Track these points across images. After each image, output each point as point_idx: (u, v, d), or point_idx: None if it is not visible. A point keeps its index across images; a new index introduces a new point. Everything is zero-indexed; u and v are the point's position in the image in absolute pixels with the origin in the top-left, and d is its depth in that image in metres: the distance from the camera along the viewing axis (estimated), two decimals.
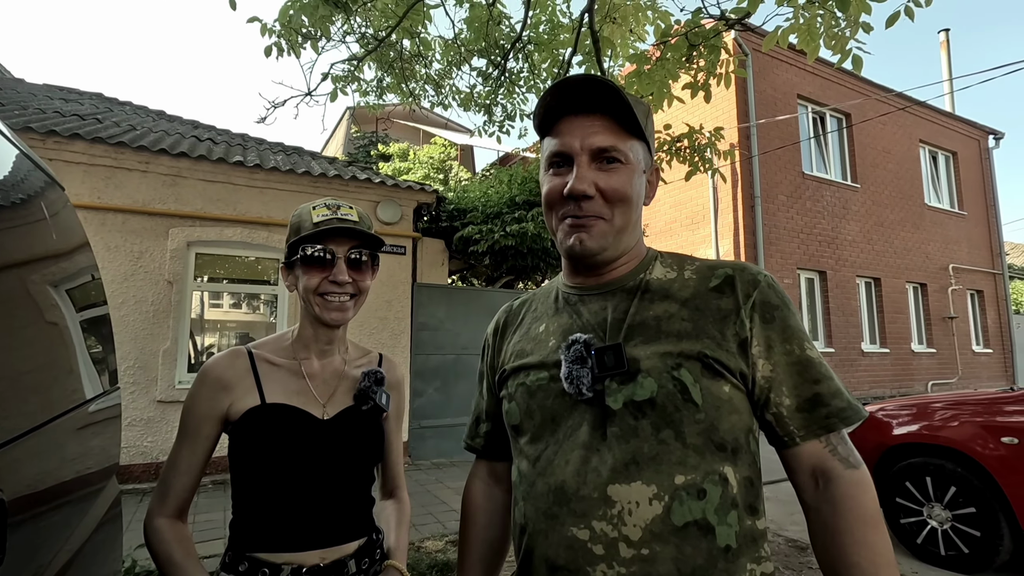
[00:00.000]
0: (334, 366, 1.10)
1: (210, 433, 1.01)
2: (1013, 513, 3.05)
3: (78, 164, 5.01)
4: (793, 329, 0.76)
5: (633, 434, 0.71)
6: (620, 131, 0.78)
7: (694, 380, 0.72)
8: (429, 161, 12.95)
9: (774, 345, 0.75)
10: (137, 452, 5.04)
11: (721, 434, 0.72)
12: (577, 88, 0.78)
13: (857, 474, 0.71)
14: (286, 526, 0.97)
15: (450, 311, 6.57)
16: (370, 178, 6.34)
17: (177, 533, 0.98)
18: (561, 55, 4.79)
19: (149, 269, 5.24)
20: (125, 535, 3.74)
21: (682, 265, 0.84)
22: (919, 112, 11.38)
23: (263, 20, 3.91)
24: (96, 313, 1.64)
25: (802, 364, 0.75)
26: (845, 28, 2.99)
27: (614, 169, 0.78)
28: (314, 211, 1.04)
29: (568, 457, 0.74)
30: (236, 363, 1.03)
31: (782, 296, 0.78)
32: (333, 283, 1.02)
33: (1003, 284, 12.50)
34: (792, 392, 0.74)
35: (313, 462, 0.98)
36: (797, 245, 9.24)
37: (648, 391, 0.72)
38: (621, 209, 0.79)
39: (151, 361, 5.17)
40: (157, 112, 7.45)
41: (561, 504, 0.72)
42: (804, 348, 0.75)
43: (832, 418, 0.72)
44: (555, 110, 0.81)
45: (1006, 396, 3.35)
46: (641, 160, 0.81)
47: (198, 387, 1.02)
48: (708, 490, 0.69)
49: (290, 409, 1.01)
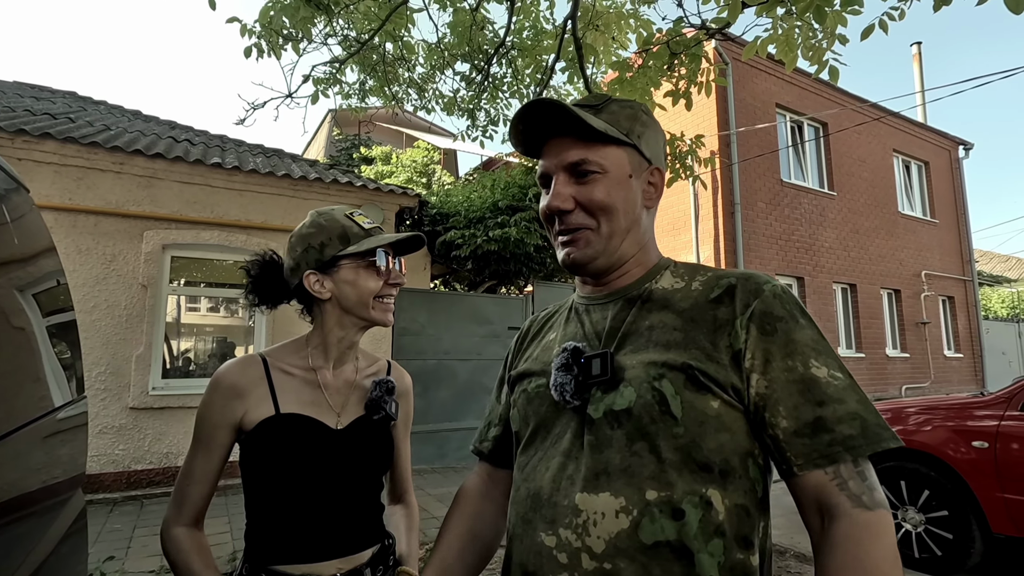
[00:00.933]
0: (346, 375, 1.10)
1: (224, 441, 1.01)
2: (984, 516, 3.12)
3: (49, 164, 4.88)
4: (798, 343, 0.69)
5: (608, 444, 0.70)
6: (591, 143, 0.78)
7: (675, 392, 0.68)
8: (412, 165, 12.90)
9: (772, 359, 0.69)
10: (108, 460, 4.91)
11: (705, 453, 0.67)
12: (533, 115, 0.79)
13: (868, 516, 0.60)
14: (303, 537, 0.97)
15: (432, 316, 6.53)
16: (352, 181, 6.29)
17: (195, 542, 0.98)
18: (544, 61, 4.81)
19: (122, 272, 5.11)
20: (94, 547, 3.65)
21: (694, 275, 0.81)
22: (893, 122, 11.68)
23: (243, 21, 3.86)
24: (63, 319, 1.59)
25: (805, 383, 0.67)
26: (822, 39, 3.05)
27: (590, 180, 0.78)
28: (356, 217, 1.07)
29: (549, 464, 0.74)
30: (249, 371, 1.03)
31: (790, 307, 0.72)
32: (393, 285, 1.07)
33: (973, 290, 12.85)
34: (790, 413, 0.66)
35: (328, 472, 0.99)
36: (776, 251, 9.39)
37: (627, 400, 0.70)
38: (605, 217, 0.78)
39: (124, 367, 5.04)
40: (133, 112, 7.30)
41: (535, 509, 0.72)
42: (810, 365, 0.68)
43: (836, 446, 0.63)
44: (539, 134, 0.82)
45: (976, 401, 3.43)
46: (626, 164, 0.79)
47: (211, 394, 1.01)
48: (687, 511, 0.64)
49: (305, 419, 1.00)
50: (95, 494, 4.71)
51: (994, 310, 17.38)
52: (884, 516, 0.61)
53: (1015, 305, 17.95)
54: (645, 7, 4.22)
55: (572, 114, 0.76)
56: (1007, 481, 3.04)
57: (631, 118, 0.81)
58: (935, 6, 2.19)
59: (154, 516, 4.33)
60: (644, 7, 4.23)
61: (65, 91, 7.32)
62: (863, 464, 0.64)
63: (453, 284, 8.97)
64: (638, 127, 0.81)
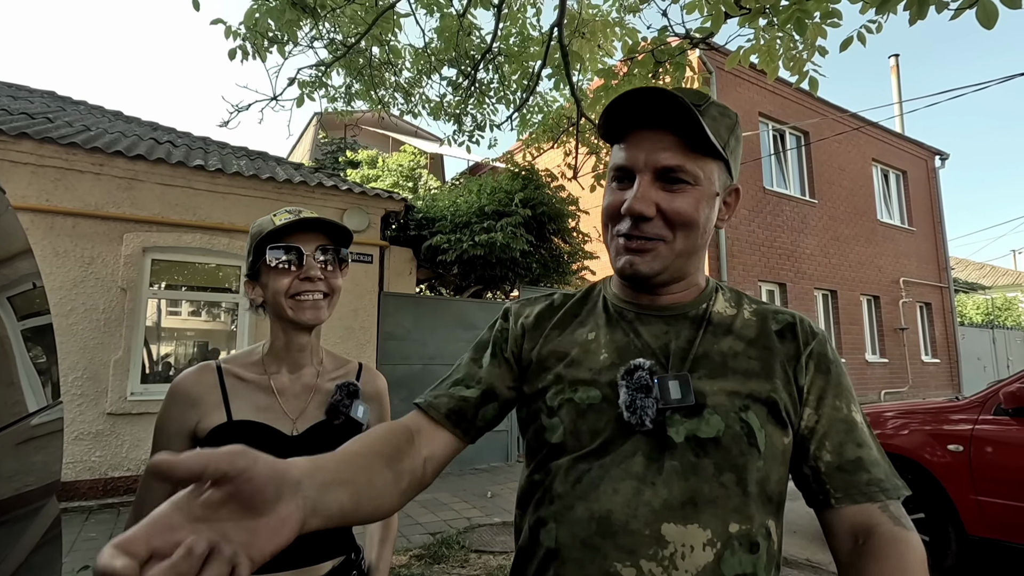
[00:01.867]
0: (304, 380, 1.06)
1: (182, 451, 0.97)
2: (959, 518, 3.18)
3: (25, 165, 4.79)
4: (845, 388, 0.75)
5: (693, 472, 0.66)
6: (692, 150, 0.71)
7: (760, 425, 0.69)
8: (398, 169, 12.86)
9: (825, 397, 0.73)
10: (84, 467, 4.80)
11: (772, 485, 0.69)
12: (647, 100, 0.70)
13: (908, 534, 0.65)
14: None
15: (417, 321, 6.50)
16: (337, 185, 6.25)
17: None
18: (531, 67, 4.84)
19: (101, 275, 5.02)
20: (70, 555, 3.57)
21: (740, 302, 0.81)
22: (872, 132, 11.93)
23: (228, 22, 3.83)
24: (39, 323, 1.56)
25: (849, 424, 0.72)
26: (803, 50, 3.11)
27: (680, 190, 0.71)
28: (275, 217, 1.02)
29: (617, 485, 0.67)
30: (204, 378, 1.00)
31: (835, 354, 0.78)
32: (305, 280, 0.99)
33: (949, 297, 13.13)
34: (835, 449, 0.70)
35: None
36: (758, 258, 9.51)
37: (715, 429, 0.67)
38: (684, 233, 0.72)
39: (101, 371, 4.94)
40: (114, 112, 7.19)
41: (605, 536, 0.66)
42: (851, 409, 0.73)
43: (873, 486, 0.68)
44: (625, 119, 0.74)
45: (952, 405, 3.50)
46: (716, 181, 0.74)
47: (167, 404, 0.99)
48: (760, 544, 0.66)
49: (257, 426, 0.98)
50: (70, 502, 4.61)
51: (969, 316, 17.78)
52: (917, 537, 0.66)
53: (989, 312, 18.38)
54: (630, 15, 4.27)
55: (691, 116, 0.68)
56: (981, 484, 3.10)
57: (729, 129, 0.75)
58: (910, 20, 2.25)
59: None
60: (629, 15, 4.28)
61: (44, 90, 7.19)
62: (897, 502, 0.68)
63: (439, 289, 8.95)
64: (733, 141, 0.75)
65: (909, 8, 2.21)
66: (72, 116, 6.20)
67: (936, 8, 2.17)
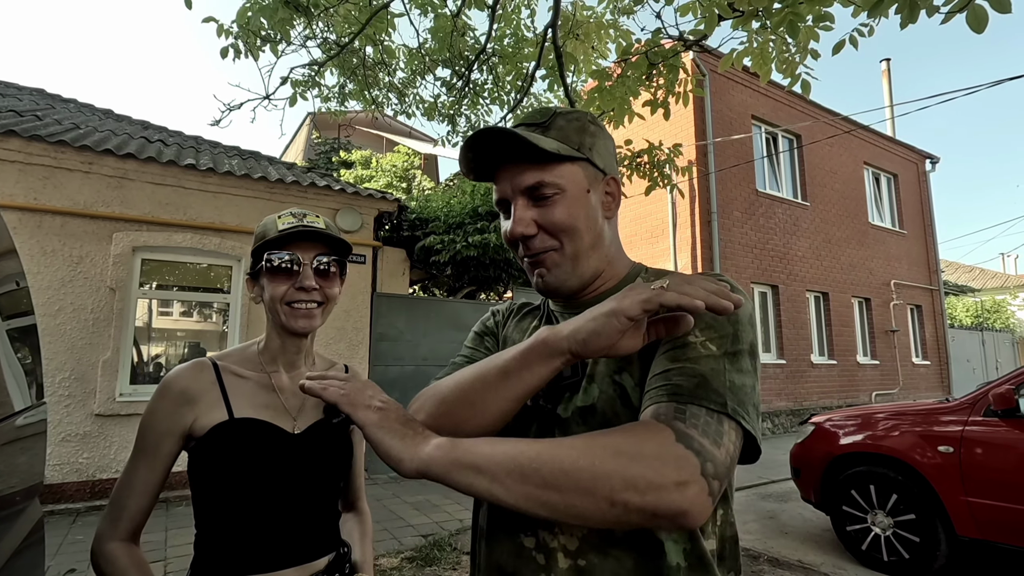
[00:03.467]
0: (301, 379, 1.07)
1: (170, 450, 0.97)
2: (949, 519, 3.20)
3: (13, 163, 4.73)
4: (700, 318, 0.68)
5: None
6: (544, 164, 0.76)
7: (635, 384, 0.70)
8: (392, 169, 12.83)
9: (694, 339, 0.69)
10: (71, 469, 4.74)
11: None
12: (482, 143, 0.77)
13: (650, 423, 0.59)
14: (258, 545, 0.94)
15: (410, 322, 6.48)
16: (330, 185, 6.22)
17: (133, 558, 0.93)
18: (525, 68, 4.84)
19: (89, 275, 4.97)
20: (55, 559, 3.52)
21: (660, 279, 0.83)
22: (863, 135, 12.02)
23: (220, 21, 3.80)
24: (23, 323, 1.54)
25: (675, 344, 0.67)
26: (795, 53, 3.12)
27: (550, 202, 0.76)
28: (279, 219, 1.02)
29: None
30: (201, 375, 0.99)
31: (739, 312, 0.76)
32: (300, 290, 0.99)
33: (939, 299, 13.25)
34: (653, 368, 0.67)
35: (285, 477, 0.97)
36: (751, 260, 9.55)
37: (591, 397, 0.72)
38: (567, 237, 0.77)
39: (89, 372, 4.89)
40: (104, 111, 7.12)
41: (512, 511, 0.69)
42: (690, 334, 0.67)
43: (661, 392, 0.63)
44: (489, 161, 0.80)
45: (942, 407, 3.52)
46: (583, 180, 0.78)
47: (158, 401, 0.97)
48: None
49: (260, 424, 0.98)
50: (57, 504, 4.55)
51: (959, 319, 17.95)
52: (662, 430, 0.57)
53: (979, 314, 18.57)
54: (625, 17, 4.28)
55: (521, 139, 0.74)
56: (971, 485, 3.12)
57: (580, 131, 0.80)
58: (902, 23, 2.26)
59: None
60: (624, 17, 4.28)
61: (32, 88, 7.12)
62: (689, 409, 0.60)
63: (432, 290, 8.93)
64: (588, 139, 0.80)
65: (900, 12, 2.22)
66: (61, 114, 6.14)
67: (927, 12, 2.18)
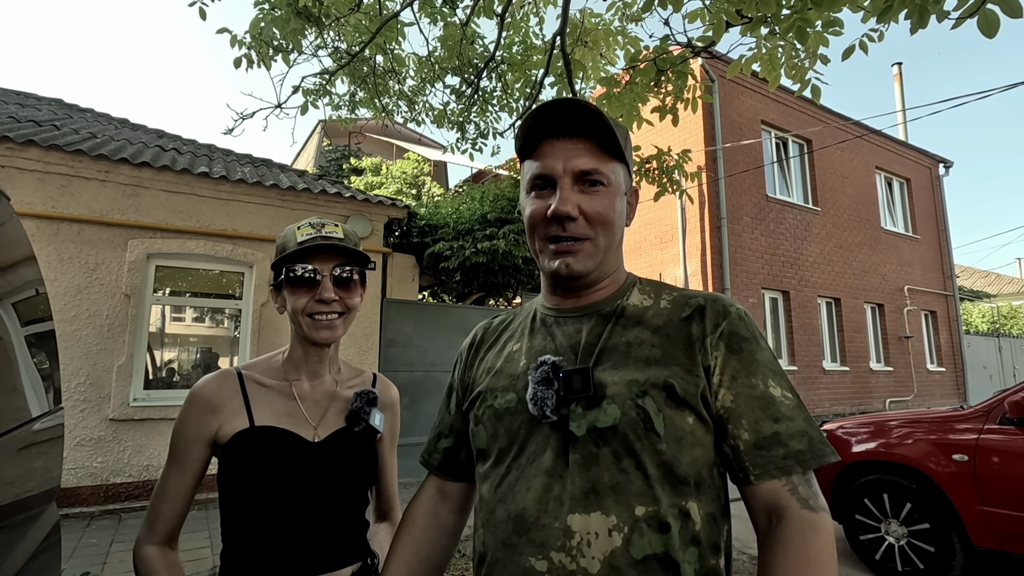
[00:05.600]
0: (325, 387, 1.08)
1: (199, 456, 1.00)
2: (964, 529, 3.15)
3: (32, 172, 4.83)
4: (760, 363, 0.74)
5: (594, 462, 0.70)
6: (602, 154, 0.78)
7: (658, 409, 0.70)
8: (402, 176, 12.92)
9: (738, 376, 0.73)
10: (85, 473, 4.80)
11: (684, 467, 0.69)
12: (560, 111, 0.77)
13: (813, 516, 0.66)
14: (280, 553, 0.95)
15: (419, 327, 6.50)
16: (340, 192, 6.28)
17: (166, 562, 0.97)
18: (533, 76, 4.87)
19: (105, 281, 5.05)
20: (70, 562, 3.57)
21: (659, 293, 0.83)
22: (875, 140, 11.92)
23: (233, 31, 3.86)
24: (41, 328, 1.57)
25: (764, 400, 0.72)
26: (804, 59, 3.12)
27: (597, 192, 0.78)
28: (298, 231, 1.03)
29: (530, 484, 0.72)
30: (225, 384, 1.02)
31: (752, 329, 0.77)
32: (320, 302, 1.00)
33: (954, 305, 13.06)
34: (751, 427, 0.71)
35: (304, 486, 0.97)
36: (761, 265, 9.49)
37: (611, 418, 0.70)
38: (603, 230, 0.79)
39: (104, 377, 4.96)
40: (120, 120, 7.24)
41: (520, 533, 0.70)
42: (768, 384, 0.73)
43: (789, 460, 0.68)
44: (536, 132, 0.80)
45: (957, 414, 3.47)
46: (622, 182, 0.82)
47: (186, 409, 1.00)
48: (672, 525, 0.67)
49: (279, 432, 0.99)
50: (71, 508, 4.60)
51: (975, 325, 17.68)
52: (825, 518, 0.67)
53: (995, 320, 18.28)
54: (632, 25, 4.29)
55: (604, 122, 0.76)
56: (986, 494, 3.07)
57: (624, 136, 0.82)
58: (912, 29, 2.25)
59: (132, 531, 4.23)
60: (631, 25, 4.30)
61: (51, 98, 7.25)
62: (810, 475, 0.70)
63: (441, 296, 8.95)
64: (628, 145, 0.84)
65: (910, 17, 2.21)
66: (79, 123, 6.26)
67: (937, 17, 2.18)
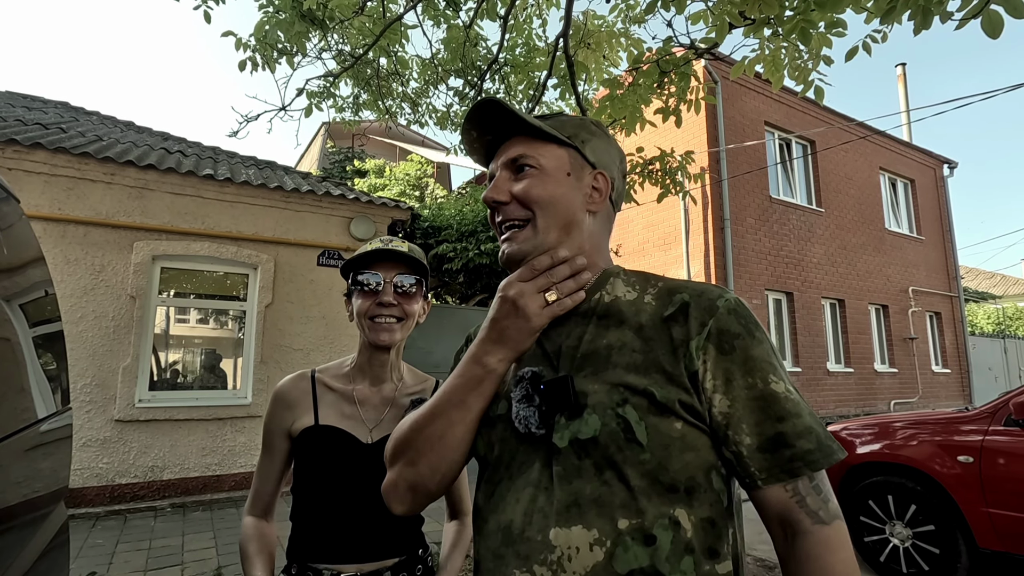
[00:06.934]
0: (384, 393, 1.18)
1: (282, 446, 1.15)
2: (970, 530, 3.14)
3: (39, 174, 4.86)
4: (756, 360, 0.69)
5: (576, 474, 0.68)
6: (532, 141, 0.81)
7: (639, 418, 0.67)
8: (405, 178, 12.94)
9: (733, 378, 0.68)
10: (91, 474, 4.83)
11: (672, 475, 0.66)
12: (480, 118, 0.83)
13: (826, 531, 0.64)
14: (330, 539, 1.07)
15: (422, 329, 6.50)
16: (344, 194, 6.30)
17: (258, 530, 1.12)
18: (537, 77, 4.88)
19: (111, 283, 5.08)
20: (76, 562, 3.58)
21: (645, 286, 0.78)
22: (879, 141, 11.89)
23: (238, 35, 3.89)
24: (50, 329, 1.58)
25: (765, 399, 0.67)
26: (808, 60, 3.11)
27: (527, 174, 0.80)
28: (370, 244, 1.15)
29: (519, 495, 0.71)
30: (299, 384, 1.16)
31: (746, 323, 0.71)
32: (380, 305, 1.11)
33: (959, 306, 13.01)
34: (753, 430, 0.67)
35: (356, 481, 1.07)
36: (765, 267, 9.47)
37: (592, 429, 0.68)
38: (540, 211, 0.79)
39: (110, 379, 4.98)
40: (126, 123, 7.29)
41: (507, 544, 0.70)
42: (768, 381, 0.68)
43: (796, 462, 0.65)
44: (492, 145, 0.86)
45: (962, 416, 3.46)
46: (566, 163, 0.81)
47: (271, 405, 1.16)
48: (658, 536, 0.64)
49: (338, 432, 1.10)
50: (77, 508, 4.63)
51: (980, 326, 17.59)
52: (839, 528, 0.65)
53: (1000, 321, 18.18)
54: (635, 26, 4.30)
55: (508, 110, 0.79)
56: (992, 496, 3.06)
57: (577, 126, 0.84)
58: (915, 30, 2.25)
59: (137, 531, 4.25)
60: (634, 26, 4.30)
61: (57, 101, 7.31)
62: (818, 477, 0.67)
63: (445, 297, 8.97)
64: (584, 134, 0.84)
65: (913, 18, 2.21)
66: (85, 126, 6.30)
67: (940, 18, 2.17)
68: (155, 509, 4.82)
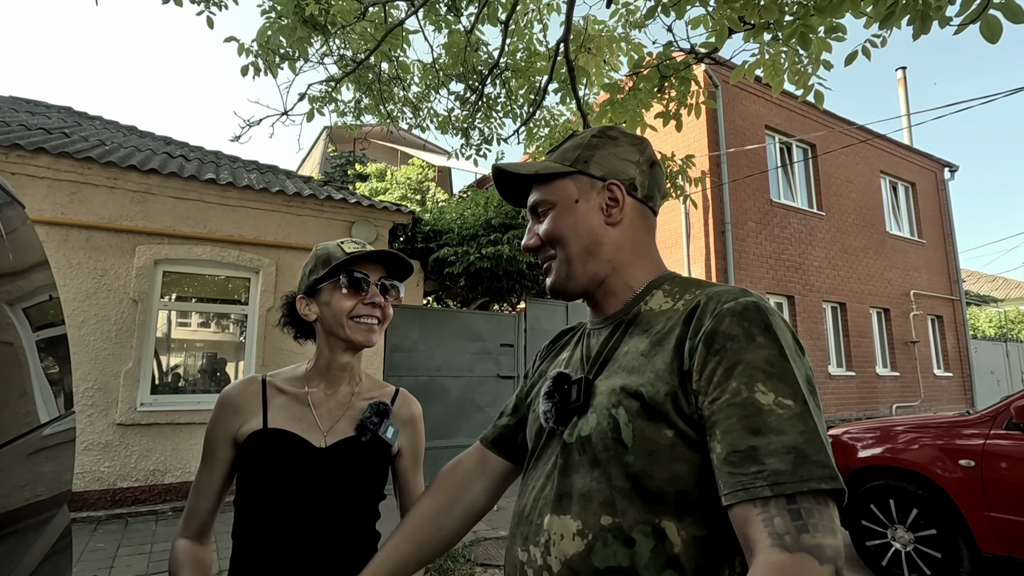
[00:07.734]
0: (340, 396, 1.13)
1: (225, 456, 1.06)
2: (971, 535, 3.13)
3: (42, 179, 4.88)
4: (747, 363, 0.62)
5: (574, 469, 0.73)
6: (543, 183, 0.88)
7: (628, 420, 0.67)
8: (406, 182, 12.97)
9: (716, 379, 0.63)
10: (93, 478, 4.83)
11: (657, 483, 0.64)
12: (498, 182, 0.94)
13: (783, 559, 0.52)
14: (280, 555, 0.98)
15: (424, 333, 6.52)
16: (345, 198, 6.31)
17: (192, 555, 1.04)
18: (537, 82, 4.90)
19: (113, 287, 5.09)
20: (78, 566, 3.58)
21: (684, 293, 0.77)
22: (880, 144, 11.90)
23: (240, 40, 3.91)
24: (53, 333, 1.59)
25: (744, 407, 0.60)
26: (807, 64, 3.13)
27: (544, 217, 0.87)
28: (343, 244, 1.11)
29: (535, 483, 0.79)
30: (248, 388, 1.09)
31: (750, 326, 0.64)
32: (368, 305, 1.08)
33: (961, 310, 12.98)
34: (724, 438, 0.60)
35: (309, 489, 1.01)
36: (766, 270, 9.47)
37: (590, 427, 0.72)
38: (560, 246, 0.85)
39: (112, 382, 4.99)
40: (128, 127, 7.32)
41: (518, 525, 0.78)
42: (754, 389, 0.60)
43: (759, 482, 0.55)
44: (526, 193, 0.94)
45: (964, 419, 3.46)
46: (572, 192, 0.85)
47: (216, 411, 1.08)
48: (638, 540, 0.63)
49: (289, 435, 1.03)
50: (79, 512, 4.63)
51: (982, 329, 17.55)
52: (803, 561, 0.51)
53: (1002, 325, 18.15)
54: (636, 31, 4.32)
55: (510, 173, 0.89)
56: (993, 500, 3.05)
57: (576, 147, 0.87)
58: (914, 34, 2.26)
59: (139, 535, 4.25)
60: (635, 31, 4.32)
61: (61, 106, 7.34)
62: (801, 502, 0.54)
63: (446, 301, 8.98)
64: (584, 152, 0.86)
65: (912, 23, 2.22)
66: (88, 131, 6.33)
67: (939, 23, 2.18)
68: (156, 513, 4.82)
